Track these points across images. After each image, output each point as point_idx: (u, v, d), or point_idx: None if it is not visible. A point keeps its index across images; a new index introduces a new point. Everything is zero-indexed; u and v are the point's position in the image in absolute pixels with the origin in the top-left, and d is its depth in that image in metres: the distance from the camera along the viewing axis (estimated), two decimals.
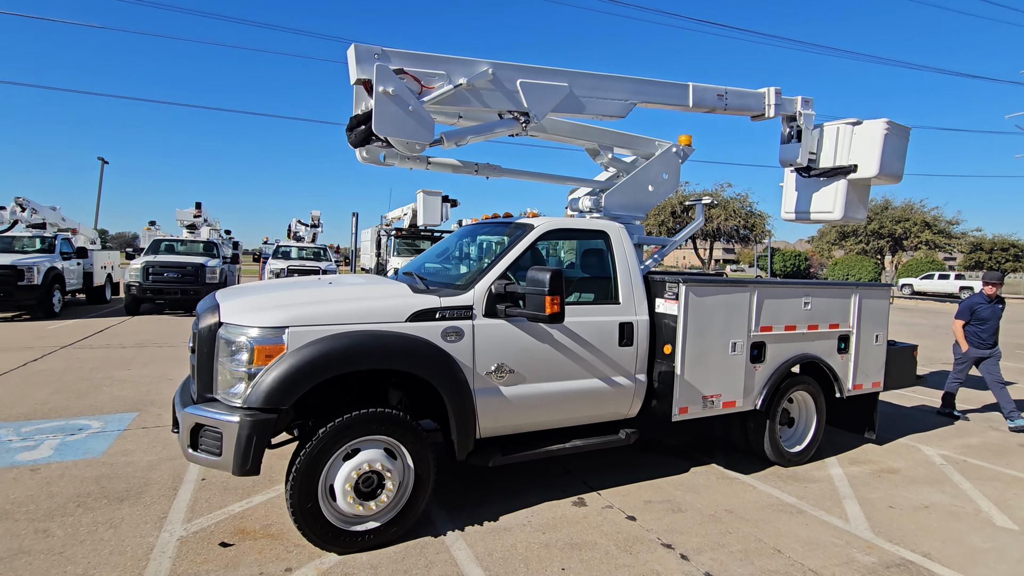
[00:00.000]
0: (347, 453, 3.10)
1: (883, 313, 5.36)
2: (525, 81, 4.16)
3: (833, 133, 5.71)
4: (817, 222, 6.25)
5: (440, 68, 3.86)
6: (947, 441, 5.69)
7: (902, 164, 5.79)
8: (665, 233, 36.85)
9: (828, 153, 5.74)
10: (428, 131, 3.75)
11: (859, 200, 5.95)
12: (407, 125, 3.64)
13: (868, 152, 5.52)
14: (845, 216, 5.82)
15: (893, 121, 5.57)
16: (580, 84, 4.48)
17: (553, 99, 4.33)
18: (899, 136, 5.65)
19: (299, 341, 2.99)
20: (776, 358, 4.61)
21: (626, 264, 4.20)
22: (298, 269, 16.67)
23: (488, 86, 4.05)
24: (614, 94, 4.72)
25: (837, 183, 5.78)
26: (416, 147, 3.83)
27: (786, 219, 6.44)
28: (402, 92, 3.59)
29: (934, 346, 12.95)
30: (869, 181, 5.78)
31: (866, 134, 5.55)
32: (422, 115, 3.70)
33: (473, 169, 4.73)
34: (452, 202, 17.40)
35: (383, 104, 3.52)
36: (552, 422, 3.90)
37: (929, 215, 39.85)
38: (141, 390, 6.41)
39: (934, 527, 3.76)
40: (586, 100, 4.56)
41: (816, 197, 5.98)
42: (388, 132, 3.57)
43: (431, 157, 4.48)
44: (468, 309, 3.49)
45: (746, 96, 5.53)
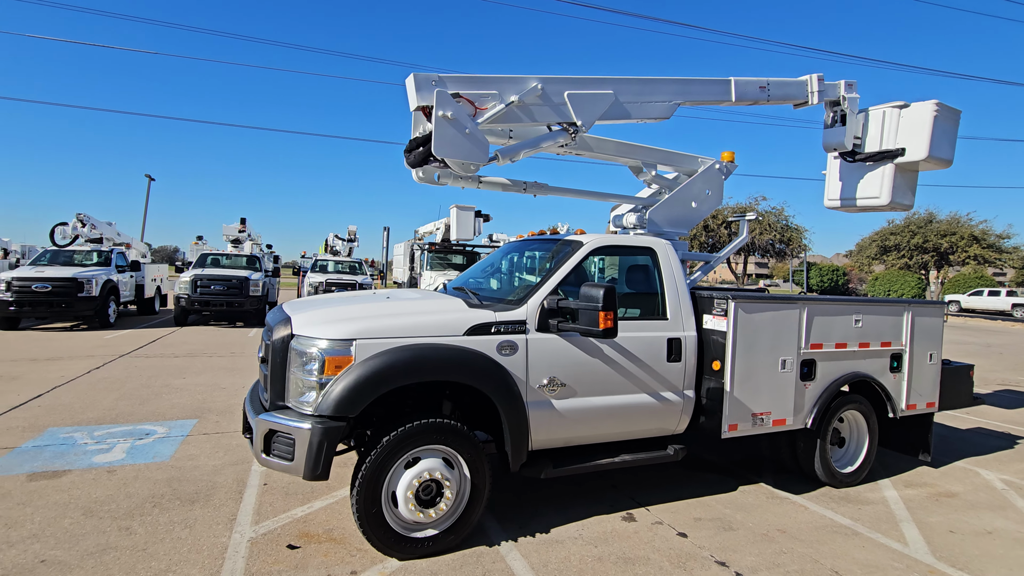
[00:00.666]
0: (408, 461, 3.22)
1: (937, 331, 5.23)
2: (573, 93, 4.28)
3: (879, 117, 5.64)
4: (863, 209, 6.10)
5: (492, 88, 4.03)
6: (1008, 465, 5.48)
7: (952, 148, 5.65)
8: (698, 247, 36.40)
9: (874, 137, 5.66)
10: (483, 152, 3.92)
11: (907, 186, 5.83)
12: (464, 146, 3.82)
13: (917, 135, 5.43)
14: (892, 202, 5.71)
15: (942, 103, 5.46)
16: (625, 90, 4.58)
17: (600, 108, 4.43)
18: (949, 119, 5.53)
19: (366, 353, 3.14)
20: (826, 376, 4.56)
21: (673, 280, 4.25)
22: (335, 283, 17.11)
23: (537, 101, 4.19)
24: (658, 96, 4.80)
25: (884, 168, 5.68)
26: (471, 167, 4.00)
27: (829, 207, 6.31)
28: (460, 115, 3.78)
29: (988, 365, 12.42)
30: (917, 165, 5.66)
31: (914, 117, 5.46)
32: (478, 137, 3.88)
33: (522, 188, 4.87)
34: (485, 217, 17.65)
35: (442, 128, 3.70)
36: (601, 436, 3.95)
37: (977, 229, 38.30)
38: (198, 398, 6.71)
39: (999, 553, 3.64)
40: (631, 106, 4.65)
41: (861, 183, 5.88)
42: (447, 154, 3.75)
43: (483, 176, 4.64)
44: (522, 324, 3.60)
45: (788, 85, 5.55)
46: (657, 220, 4.99)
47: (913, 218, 41.06)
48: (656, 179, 5.45)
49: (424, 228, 20.75)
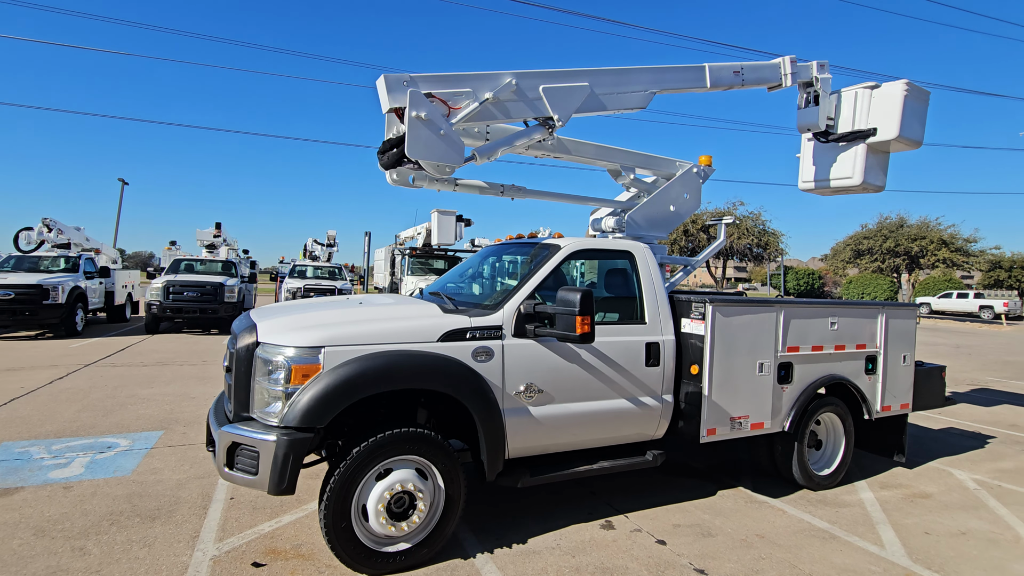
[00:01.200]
0: (380, 473, 3.11)
1: (910, 333, 5.30)
2: (548, 87, 4.20)
3: (851, 97, 5.73)
4: (836, 191, 6.18)
5: (466, 86, 3.93)
6: (979, 465, 5.56)
7: (922, 128, 5.76)
8: (677, 251, 36.77)
9: (847, 117, 5.75)
10: (459, 153, 3.83)
11: (879, 167, 5.92)
12: (438, 148, 3.73)
13: (887, 114, 5.52)
14: (865, 182, 5.79)
15: (912, 83, 5.56)
16: (600, 82, 4.52)
17: (576, 100, 4.36)
18: (919, 99, 5.64)
19: (335, 361, 3.03)
20: (803, 379, 4.57)
21: (652, 284, 4.22)
22: (314, 288, 16.84)
23: (512, 97, 4.10)
24: (634, 86, 4.75)
25: (856, 148, 5.76)
26: (446, 169, 3.91)
27: (804, 189, 6.38)
28: (433, 116, 3.68)
29: (958, 366, 12.71)
30: (889, 145, 5.75)
31: (885, 97, 5.55)
32: (452, 138, 3.79)
33: (499, 190, 4.81)
34: (466, 221, 17.57)
35: (416, 129, 3.61)
36: (580, 443, 3.88)
37: (946, 233, 39.44)
38: (165, 408, 6.48)
39: (973, 554, 3.66)
40: (607, 97, 4.58)
41: (835, 165, 5.97)
42: (420, 155, 3.66)
43: (459, 179, 4.57)
44: (498, 329, 3.52)
45: (762, 69, 5.59)
46: (636, 223, 4.97)
47: (885, 223, 42.12)
48: (635, 183, 5.44)
49: (405, 233, 20.59)
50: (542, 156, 4.97)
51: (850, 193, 6.26)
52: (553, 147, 4.86)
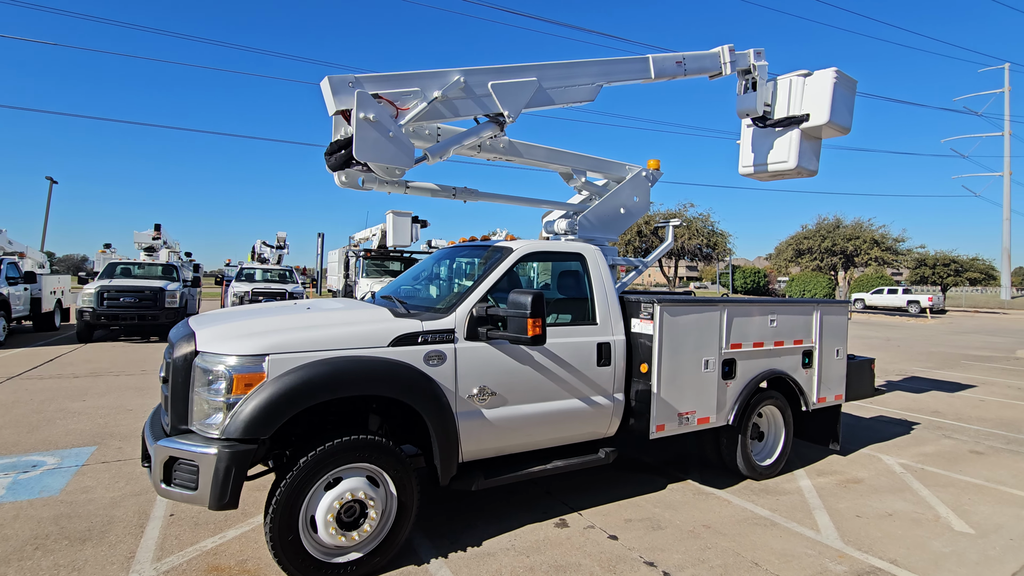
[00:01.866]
0: (329, 482, 3.04)
1: (842, 328, 5.63)
2: (496, 83, 4.22)
3: (786, 85, 6.06)
4: (773, 175, 6.51)
5: (413, 85, 3.89)
6: (905, 450, 5.96)
7: (850, 115, 6.13)
8: (631, 252, 37.62)
9: (782, 103, 6.07)
10: (408, 155, 3.79)
11: (812, 152, 6.28)
12: (388, 150, 3.67)
13: (819, 100, 5.86)
14: (799, 165, 6.11)
15: (841, 71, 5.92)
16: (548, 76, 4.58)
17: (525, 95, 4.41)
18: (847, 86, 6.01)
19: (280, 369, 2.94)
20: (746, 374, 4.77)
21: (603, 285, 4.31)
22: (263, 292, 16.26)
23: (461, 95, 4.09)
24: (581, 79, 4.84)
25: (791, 133, 6.10)
26: (396, 172, 3.86)
27: (744, 174, 6.70)
28: (382, 117, 3.62)
29: (888, 358, 13.58)
30: (820, 131, 6.10)
31: (816, 84, 5.90)
32: (402, 139, 3.74)
33: (451, 193, 4.78)
34: (422, 223, 17.41)
35: (364, 131, 3.54)
36: (534, 443, 3.92)
37: (877, 233, 42.04)
38: (99, 422, 6.11)
39: (899, 534, 3.93)
40: (555, 91, 4.65)
41: (772, 150, 6.30)
42: (369, 158, 3.59)
43: (409, 181, 4.52)
44: (450, 332, 3.51)
45: (703, 58, 5.83)
46: (587, 226, 5.06)
47: (823, 224, 44.49)
48: (586, 186, 5.53)
49: (360, 234, 20.18)
50: (494, 159, 4.98)
51: (786, 177, 6.60)
52: (505, 149, 4.89)
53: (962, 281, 46.77)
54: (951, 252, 46.63)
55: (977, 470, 5.36)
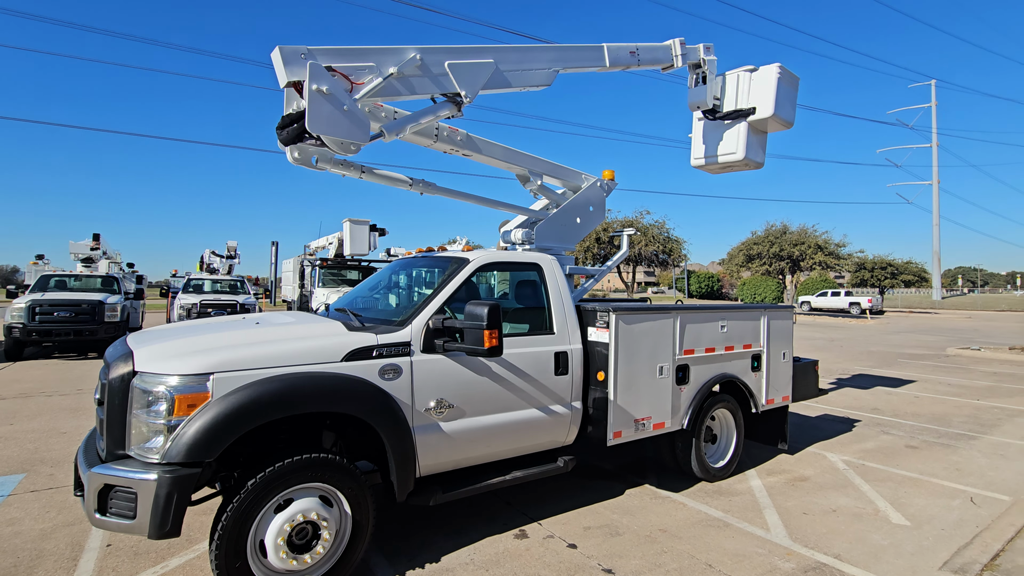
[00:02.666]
0: (279, 504, 2.93)
1: (788, 332, 5.88)
2: (453, 62, 4.23)
3: (734, 80, 6.39)
4: (723, 167, 6.81)
5: (368, 60, 3.84)
6: (847, 447, 6.26)
7: (793, 110, 6.51)
8: (590, 259, 38.19)
9: (730, 97, 6.40)
10: (363, 131, 3.72)
11: (759, 144, 6.62)
12: (342, 124, 3.60)
13: (764, 94, 6.20)
14: (747, 157, 6.43)
15: (784, 67, 6.29)
16: (505, 59, 4.63)
17: (482, 77, 4.44)
18: (789, 82, 6.37)
19: (226, 387, 2.82)
20: (699, 379, 4.91)
21: (559, 295, 4.35)
22: (212, 304, 15.61)
23: (417, 72, 4.07)
24: (538, 64, 4.92)
25: (739, 126, 6.42)
26: (351, 147, 3.78)
27: (695, 166, 6.97)
28: (336, 90, 3.56)
29: (832, 358, 14.26)
30: (766, 124, 6.43)
31: (762, 78, 6.24)
32: (357, 114, 3.68)
33: (408, 184, 4.72)
34: (380, 231, 17.17)
35: (316, 103, 3.47)
36: (492, 455, 3.90)
37: (821, 239, 44.16)
38: (28, 448, 5.70)
39: (842, 529, 4.11)
40: (512, 74, 4.71)
41: (721, 142, 6.60)
42: (322, 131, 3.51)
43: (365, 166, 4.46)
44: (406, 345, 3.46)
45: (656, 50, 6.05)
46: (543, 236, 5.11)
47: (771, 230, 46.43)
48: (542, 190, 5.56)
49: (316, 243, 19.71)
50: (451, 151, 4.93)
51: (734, 169, 6.92)
52: (462, 143, 4.87)
53: (898, 283, 49.69)
54: (887, 256, 49.49)
55: (912, 464, 5.68)
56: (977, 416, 7.86)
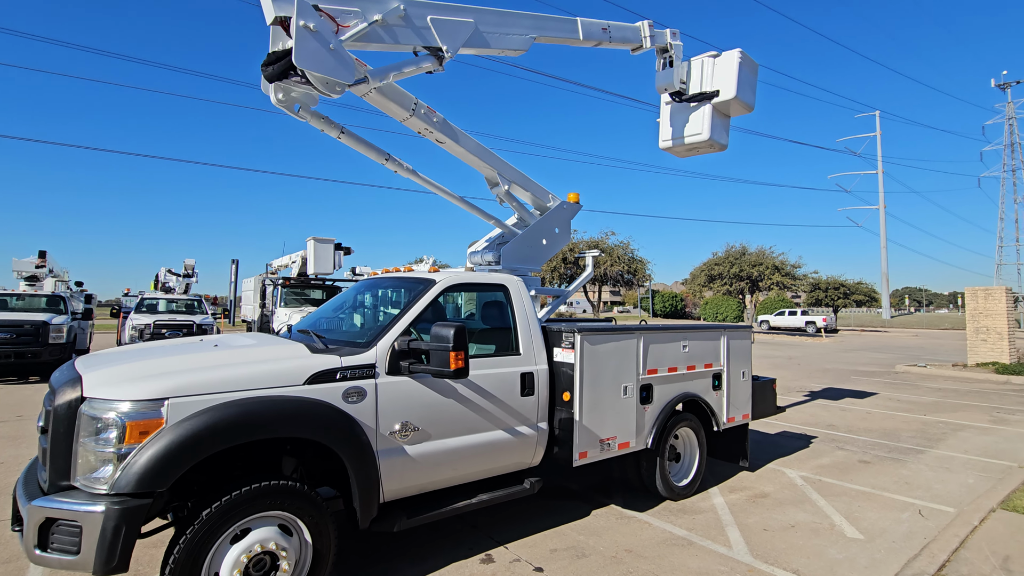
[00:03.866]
0: (236, 534, 2.83)
1: (747, 352, 6.07)
2: (435, 17, 4.42)
3: (699, 64, 6.75)
4: (689, 148, 7.10)
5: (355, 5, 4.00)
6: (804, 463, 6.46)
7: (753, 94, 6.89)
8: (556, 279, 38.59)
9: (696, 81, 6.75)
10: (348, 71, 3.82)
11: (722, 127, 6.96)
12: (328, 62, 3.70)
13: (727, 77, 6.57)
14: (711, 137, 6.74)
15: (745, 52, 6.67)
16: (485, 20, 4.89)
17: (463, 34, 4.64)
18: (750, 67, 6.76)
19: (182, 413, 2.72)
20: (662, 398, 5.01)
21: (525, 316, 4.39)
22: (167, 325, 15.03)
23: (400, 23, 4.26)
24: (516, 29, 5.18)
25: (704, 108, 6.75)
26: (336, 87, 3.85)
27: (663, 147, 7.26)
28: (322, 29, 3.67)
29: (789, 376, 14.73)
30: (729, 107, 6.78)
31: (724, 63, 6.62)
32: (342, 54, 3.80)
33: (384, 157, 4.80)
34: (345, 250, 16.97)
35: (304, 38, 3.56)
36: (458, 478, 3.87)
37: (778, 260, 45.91)
38: None
39: (800, 544, 4.22)
40: (491, 36, 4.96)
41: (687, 124, 6.91)
42: (308, 66, 3.59)
43: (344, 127, 4.52)
44: (371, 368, 3.42)
45: (626, 29, 6.37)
46: (509, 257, 5.16)
47: (731, 251, 48.01)
48: (508, 197, 5.56)
49: (279, 261, 19.28)
50: (426, 132, 4.95)
51: (700, 151, 7.23)
52: (438, 124, 4.93)
53: (850, 303, 51.94)
54: (840, 276, 51.80)
55: (865, 478, 5.90)
56: (924, 431, 8.24)
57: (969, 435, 7.94)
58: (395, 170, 4.87)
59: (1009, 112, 59.09)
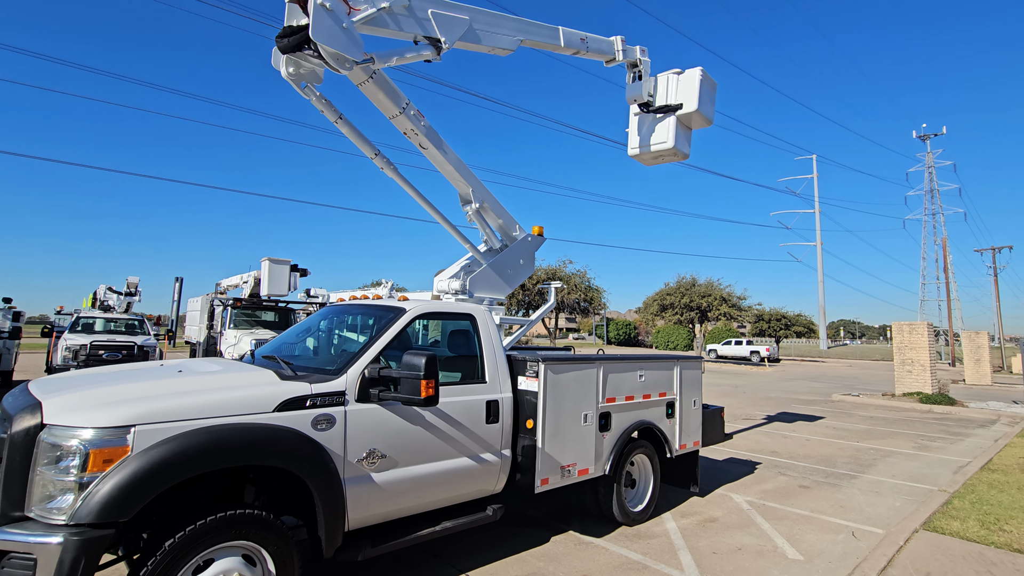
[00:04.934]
0: (198, 565, 2.78)
1: (698, 381, 6.40)
2: (436, 11, 4.92)
3: (665, 80, 7.44)
4: (656, 155, 7.69)
5: None
6: (750, 488, 6.79)
7: (712, 109, 7.62)
8: (516, 305, 38.91)
9: (662, 95, 7.43)
10: (357, 48, 4.24)
11: (685, 138, 7.62)
12: (340, 38, 4.12)
13: (689, 92, 7.25)
14: (675, 147, 7.37)
15: (705, 71, 7.37)
16: (479, 19, 5.43)
17: (459, 29, 5.16)
18: (710, 84, 7.48)
19: (148, 440, 2.69)
20: (620, 426, 5.22)
21: (492, 344, 4.53)
22: (105, 346, 14.21)
23: (404, 12, 4.74)
24: (505, 30, 5.73)
25: (669, 119, 7.40)
26: (346, 62, 4.24)
27: (631, 155, 7.86)
28: (337, 8, 4.08)
29: (736, 404, 15.36)
30: (691, 119, 7.42)
31: (687, 79, 7.32)
32: (353, 34, 4.21)
33: (374, 151, 5.14)
34: (302, 271, 16.64)
35: (320, 15, 3.98)
36: (423, 505, 3.91)
37: (725, 291, 47.97)
38: None
39: (746, 566, 4.46)
40: (484, 34, 5.49)
41: (653, 134, 7.53)
42: (322, 39, 3.99)
43: (343, 114, 4.89)
44: (341, 395, 3.47)
45: (601, 42, 7.07)
46: (476, 286, 5.32)
47: (682, 282, 49.86)
48: (477, 216, 5.74)
49: (229, 280, 18.68)
50: (411, 134, 5.19)
51: (665, 159, 7.85)
52: (425, 129, 5.20)
53: (791, 334, 54.62)
54: (782, 308, 54.48)
55: (805, 502, 6.27)
56: (857, 457, 8.81)
57: (896, 461, 8.55)
58: (381, 167, 5.23)
59: (929, 161, 64.82)
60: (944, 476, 7.54)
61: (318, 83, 4.78)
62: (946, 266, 50.50)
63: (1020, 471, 7.69)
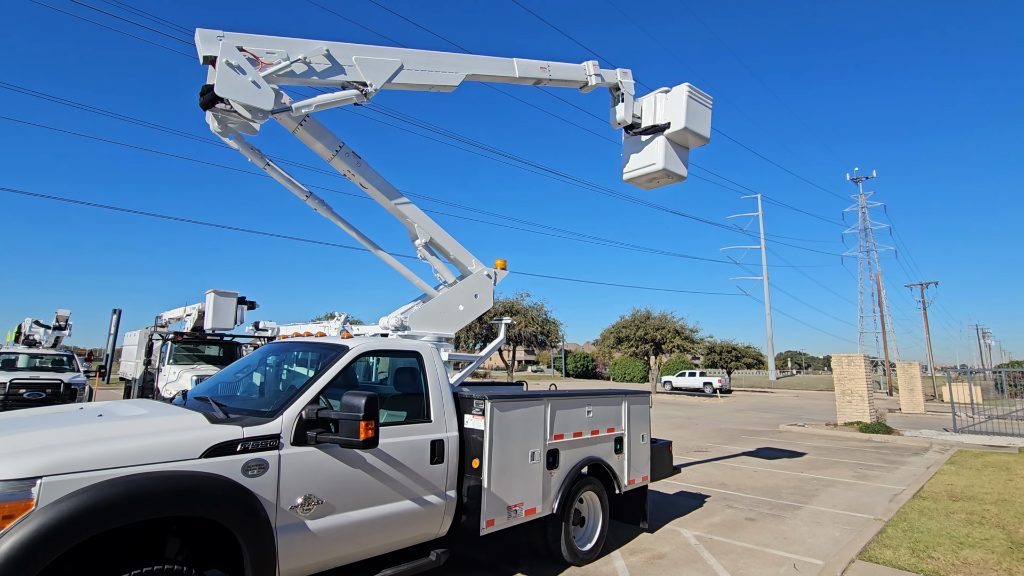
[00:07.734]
0: None
1: (646, 415, 6.50)
2: (361, 57, 4.80)
3: (651, 100, 7.35)
4: (649, 178, 7.55)
5: (279, 47, 4.45)
6: (698, 522, 6.87)
7: (707, 126, 7.40)
8: (472, 337, 38.67)
9: (648, 115, 7.31)
10: (268, 99, 4.26)
11: (680, 159, 7.47)
12: (249, 91, 4.15)
13: (676, 109, 7.12)
14: (665, 167, 7.21)
15: (694, 87, 7.24)
16: (412, 60, 5.17)
17: (388, 71, 4.96)
18: (700, 100, 7.32)
19: (56, 493, 2.51)
20: (568, 462, 5.21)
21: (438, 383, 4.49)
22: (27, 384, 13.20)
23: (325, 62, 4.64)
24: (447, 67, 5.43)
25: (658, 140, 7.27)
26: (259, 113, 4.25)
27: (626, 180, 7.76)
28: (243, 64, 4.14)
29: (688, 435, 15.62)
30: (683, 137, 7.27)
31: (674, 97, 7.20)
32: (263, 85, 4.23)
33: (304, 193, 5.05)
34: (249, 304, 16.12)
35: (225, 72, 4.05)
36: (362, 553, 3.76)
37: (678, 324, 49.27)
38: None
39: None
40: (419, 74, 5.20)
41: (644, 156, 7.41)
42: (229, 94, 4.05)
43: (271, 159, 4.85)
44: (275, 438, 3.34)
45: (568, 69, 6.76)
46: (417, 322, 5.25)
47: (637, 315, 50.99)
48: (427, 250, 5.66)
49: (171, 313, 17.80)
50: (348, 175, 5.07)
51: (661, 182, 7.72)
52: (359, 166, 5.08)
53: (741, 365, 56.37)
54: (732, 341, 56.30)
55: (750, 535, 6.38)
56: (801, 487, 9.07)
57: (837, 490, 8.85)
58: (315, 207, 5.14)
59: (862, 202, 69.52)
60: (880, 505, 7.85)
61: (253, 135, 4.77)
62: (881, 300, 53.80)
63: (948, 498, 8.11)
